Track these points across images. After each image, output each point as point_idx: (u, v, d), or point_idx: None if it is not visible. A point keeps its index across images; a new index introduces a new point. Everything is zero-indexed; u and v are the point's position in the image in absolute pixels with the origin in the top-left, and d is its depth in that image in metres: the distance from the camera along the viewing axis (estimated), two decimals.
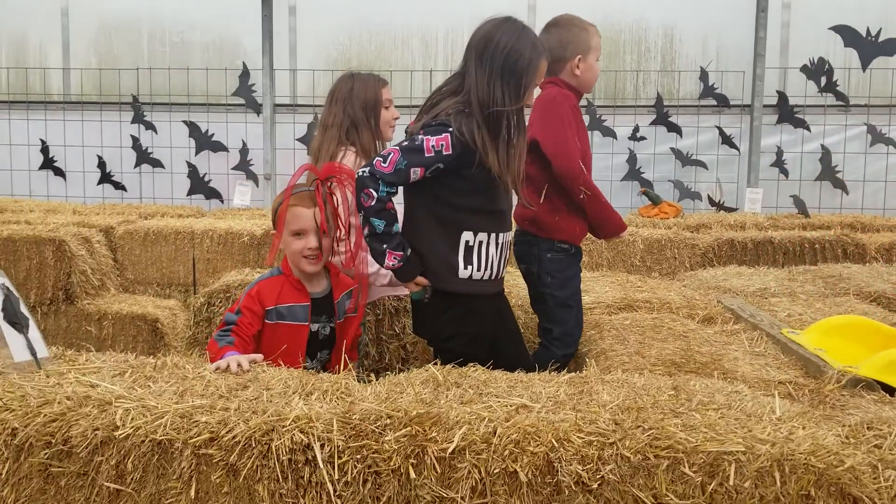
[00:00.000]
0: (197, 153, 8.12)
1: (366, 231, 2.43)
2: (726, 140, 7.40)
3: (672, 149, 7.55)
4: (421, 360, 3.49)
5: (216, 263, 5.66)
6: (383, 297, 3.28)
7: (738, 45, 7.52)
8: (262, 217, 6.37)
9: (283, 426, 1.54)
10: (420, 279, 2.52)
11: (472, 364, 2.01)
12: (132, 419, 1.59)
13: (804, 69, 7.31)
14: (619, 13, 7.57)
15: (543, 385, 1.85)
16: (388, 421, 1.57)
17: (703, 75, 7.49)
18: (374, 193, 2.37)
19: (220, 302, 3.52)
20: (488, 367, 2.02)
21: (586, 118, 7.61)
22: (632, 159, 7.59)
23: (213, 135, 8.08)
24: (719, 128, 7.45)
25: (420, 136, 2.41)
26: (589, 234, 3.00)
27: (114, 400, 1.65)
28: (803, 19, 7.52)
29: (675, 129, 7.52)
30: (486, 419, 1.61)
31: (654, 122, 7.56)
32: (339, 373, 1.87)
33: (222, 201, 8.09)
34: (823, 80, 7.29)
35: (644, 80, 7.69)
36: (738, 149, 7.41)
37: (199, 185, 8.11)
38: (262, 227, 5.79)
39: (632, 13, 7.54)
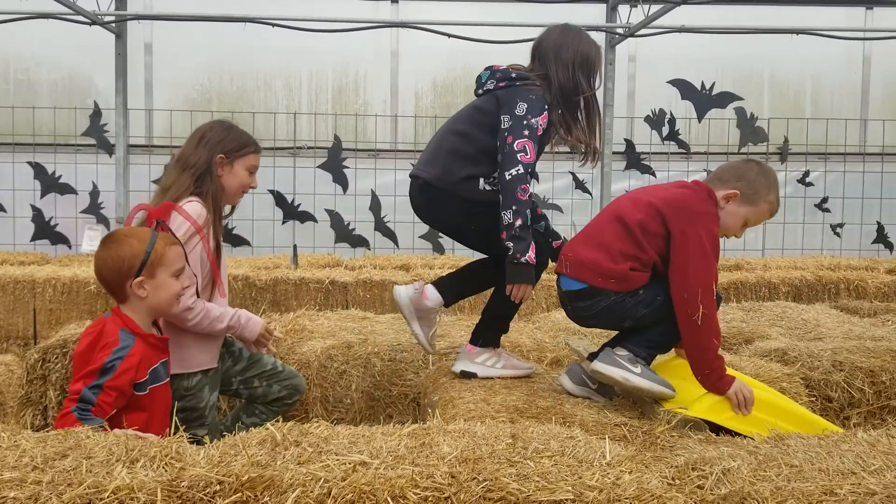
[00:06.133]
0: (42, 196, 7.70)
1: (518, 223, 2.59)
2: (579, 185, 7.76)
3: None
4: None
5: (59, 314, 5.33)
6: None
7: None
8: None
9: (101, 499, 1.45)
10: None
11: (315, 420, 1.99)
12: None
13: (647, 119, 7.80)
14: (478, 61, 7.75)
15: (385, 439, 1.84)
16: (218, 487, 1.52)
17: None
18: (529, 187, 2.64)
19: (57, 358, 3.32)
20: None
21: None
22: None
23: (60, 176, 7.69)
24: (573, 173, 7.81)
25: (532, 120, 2.68)
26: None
27: None
28: (648, 72, 8.03)
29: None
30: (322, 479, 1.58)
31: None
32: None
33: (70, 247, 7.69)
34: (666, 129, 7.80)
35: None
36: (590, 193, 7.78)
37: (45, 230, 7.67)
38: None
39: (490, 62, 7.77)
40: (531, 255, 2.62)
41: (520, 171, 2.62)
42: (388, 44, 7.95)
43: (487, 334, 2.93)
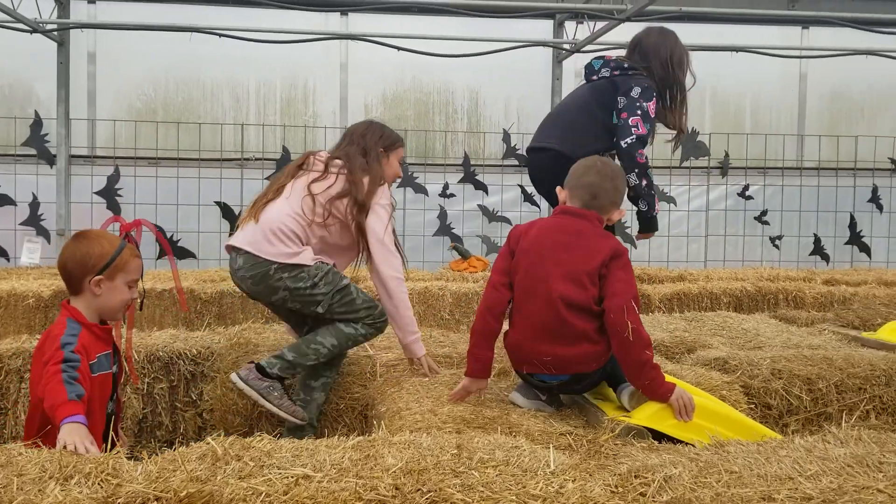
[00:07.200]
0: None
1: (644, 182, 3.25)
2: (528, 198, 7.83)
3: (479, 205, 7.88)
4: (218, 427, 3.35)
5: None
6: (178, 364, 3.13)
7: (537, 109, 8.00)
8: (53, 276, 5.90)
9: None
10: None
11: (258, 434, 1.96)
12: None
13: None
14: (427, 75, 7.84)
15: (329, 452, 1.82)
16: None
17: (506, 137, 7.91)
18: (645, 152, 3.19)
19: None
20: None
21: None
22: (442, 215, 7.83)
23: None
24: (521, 186, 7.88)
25: (644, 104, 3.24)
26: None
27: None
28: None
29: (481, 186, 7.87)
30: (264, 494, 1.55)
31: (462, 180, 7.87)
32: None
33: (8, 259, 7.46)
34: None
35: (452, 139, 8.00)
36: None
37: None
38: (51, 287, 5.37)
39: (439, 76, 7.84)
40: (658, 207, 3.36)
41: (634, 140, 3.16)
42: (338, 56, 7.92)
43: None
